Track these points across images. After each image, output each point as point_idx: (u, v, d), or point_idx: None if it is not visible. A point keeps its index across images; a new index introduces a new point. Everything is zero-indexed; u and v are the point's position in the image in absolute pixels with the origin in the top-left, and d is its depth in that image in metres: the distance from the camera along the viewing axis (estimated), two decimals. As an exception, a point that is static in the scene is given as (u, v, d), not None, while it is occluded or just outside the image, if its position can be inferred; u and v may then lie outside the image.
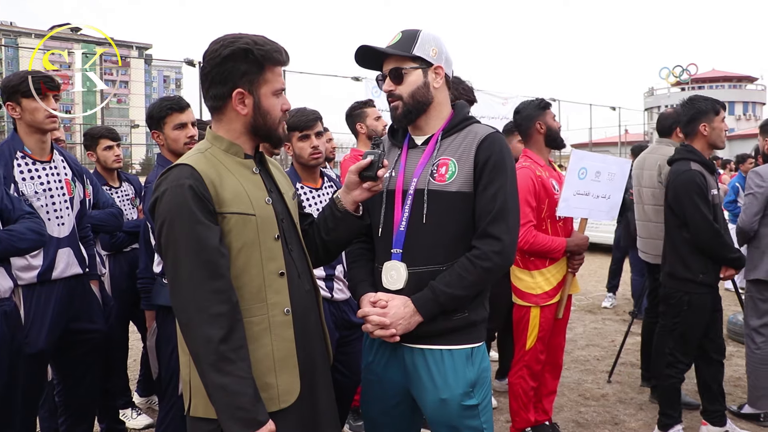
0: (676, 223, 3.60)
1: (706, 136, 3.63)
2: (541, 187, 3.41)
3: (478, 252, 2.02)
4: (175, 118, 3.10)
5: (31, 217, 2.57)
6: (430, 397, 2.07)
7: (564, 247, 3.43)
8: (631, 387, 4.84)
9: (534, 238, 3.34)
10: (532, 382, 3.62)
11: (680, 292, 3.59)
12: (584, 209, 3.48)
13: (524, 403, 3.63)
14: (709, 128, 3.61)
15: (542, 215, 3.43)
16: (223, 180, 1.78)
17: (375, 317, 2.03)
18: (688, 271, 3.55)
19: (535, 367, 3.59)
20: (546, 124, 3.57)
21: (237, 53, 1.78)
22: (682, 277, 3.58)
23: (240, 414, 1.66)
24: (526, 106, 3.66)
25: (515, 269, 3.54)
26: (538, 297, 3.47)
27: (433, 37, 2.14)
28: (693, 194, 3.46)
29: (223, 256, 1.72)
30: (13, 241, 2.44)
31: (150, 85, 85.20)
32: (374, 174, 1.97)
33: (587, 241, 3.54)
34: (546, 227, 3.46)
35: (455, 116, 2.17)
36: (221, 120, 1.87)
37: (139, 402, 4.50)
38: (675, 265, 3.62)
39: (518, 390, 3.63)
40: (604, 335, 6.41)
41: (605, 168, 3.48)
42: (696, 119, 3.65)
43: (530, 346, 3.54)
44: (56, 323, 2.87)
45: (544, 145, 3.60)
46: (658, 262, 4.51)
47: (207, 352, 1.66)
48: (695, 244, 3.52)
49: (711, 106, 3.63)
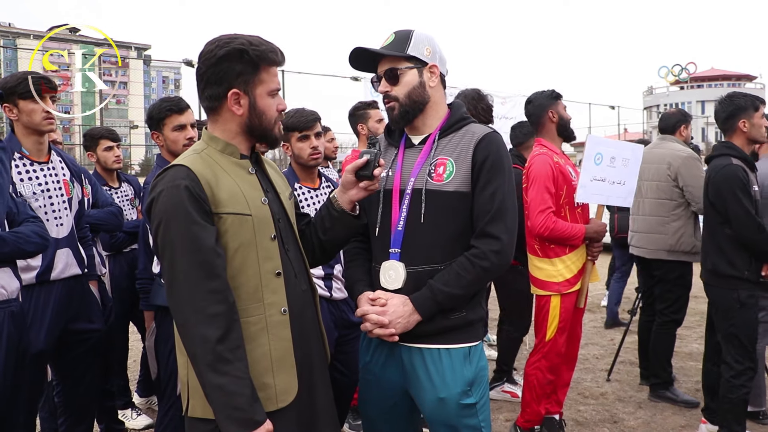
0: (718, 219, 3.50)
1: (745, 133, 3.56)
2: (559, 173, 3.42)
3: (476, 251, 2.02)
4: (175, 120, 3.10)
5: (35, 221, 2.58)
6: (428, 396, 2.07)
7: (583, 234, 3.41)
8: (630, 385, 4.85)
9: (554, 224, 3.33)
10: (549, 375, 3.58)
11: (728, 291, 3.46)
12: (602, 195, 3.47)
13: (538, 395, 3.59)
14: (748, 124, 3.55)
15: (561, 201, 3.43)
16: (219, 180, 1.78)
17: (374, 316, 2.03)
18: (733, 269, 3.43)
19: (554, 360, 3.55)
20: (558, 113, 3.60)
21: (232, 54, 1.78)
22: (727, 274, 3.46)
23: (237, 414, 1.66)
24: (538, 96, 3.68)
25: (534, 259, 3.53)
26: (559, 285, 3.45)
27: (426, 37, 2.15)
28: (735, 189, 3.37)
29: (219, 256, 1.72)
30: (20, 243, 2.44)
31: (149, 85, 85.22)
32: (370, 173, 1.98)
33: (605, 228, 3.52)
34: (565, 214, 3.45)
35: (452, 116, 2.18)
36: (217, 121, 1.87)
37: (139, 402, 4.50)
38: (718, 262, 3.50)
39: (533, 381, 3.59)
40: (603, 334, 6.42)
41: (619, 153, 3.47)
42: (735, 115, 3.58)
43: (550, 337, 3.52)
44: (55, 323, 2.87)
45: (556, 134, 3.62)
46: (654, 257, 4.53)
47: (204, 352, 1.66)
48: (738, 240, 3.42)
49: (750, 103, 3.58)
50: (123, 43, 78.79)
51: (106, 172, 4.25)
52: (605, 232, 3.52)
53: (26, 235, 2.47)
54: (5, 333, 2.40)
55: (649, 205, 4.55)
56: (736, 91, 3.83)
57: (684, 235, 4.40)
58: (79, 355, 3.07)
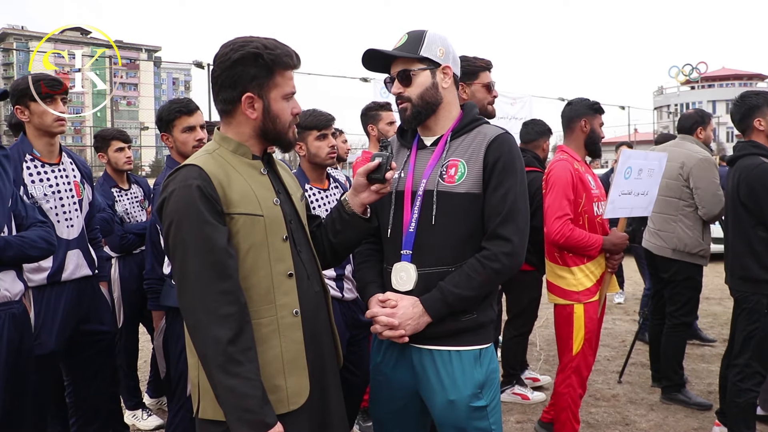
0: (750, 222, 3.37)
1: (762, 131, 3.47)
2: (578, 181, 3.35)
3: (487, 253, 2.01)
4: (184, 121, 3.11)
5: (43, 226, 2.58)
6: (438, 398, 2.06)
7: (600, 245, 3.30)
8: (642, 387, 4.81)
9: (571, 231, 3.25)
10: (580, 390, 3.44)
11: (757, 295, 3.34)
12: (626, 209, 3.38)
13: (574, 413, 3.42)
14: (764, 122, 3.46)
15: (579, 209, 3.34)
16: (231, 181, 1.77)
17: (384, 318, 2.02)
18: (766, 272, 3.32)
19: (584, 373, 3.44)
20: (591, 125, 3.53)
21: (247, 57, 1.78)
22: (759, 278, 3.33)
23: (248, 416, 1.65)
24: (579, 102, 3.61)
25: (555, 267, 3.44)
26: (580, 294, 3.34)
27: (439, 37, 2.14)
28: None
29: (231, 256, 1.71)
30: (24, 248, 2.44)
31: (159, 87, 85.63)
32: (382, 176, 1.97)
33: (626, 240, 3.40)
34: (583, 222, 3.36)
35: (464, 117, 2.17)
36: (230, 123, 1.87)
37: (149, 403, 4.52)
38: (751, 266, 3.36)
39: (568, 400, 3.41)
40: (614, 335, 6.38)
41: (646, 164, 3.36)
42: (748, 116, 3.51)
43: (578, 350, 3.36)
44: (66, 324, 2.89)
45: (583, 145, 3.55)
46: (659, 253, 4.49)
47: (215, 353, 1.65)
48: None
49: (764, 100, 3.50)
50: (134, 45, 79.28)
51: (116, 174, 4.27)
52: (625, 244, 3.40)
53: (31, 240, 2.47)
54: (6, 335, 2.41)
55: (659, 202, 4.50)
56: (749, 90, 3.77)
57: (690, 237, 4.36)
58: (91, 355, 3.09)
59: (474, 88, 3.04)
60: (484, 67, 3.08)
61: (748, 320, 3.40)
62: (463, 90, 2.97)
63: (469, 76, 3.03)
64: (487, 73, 3.07)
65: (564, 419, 3.43)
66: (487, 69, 3.08)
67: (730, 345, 3.76)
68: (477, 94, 3.03)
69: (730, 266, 3.53)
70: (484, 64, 3.10)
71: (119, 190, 4.22)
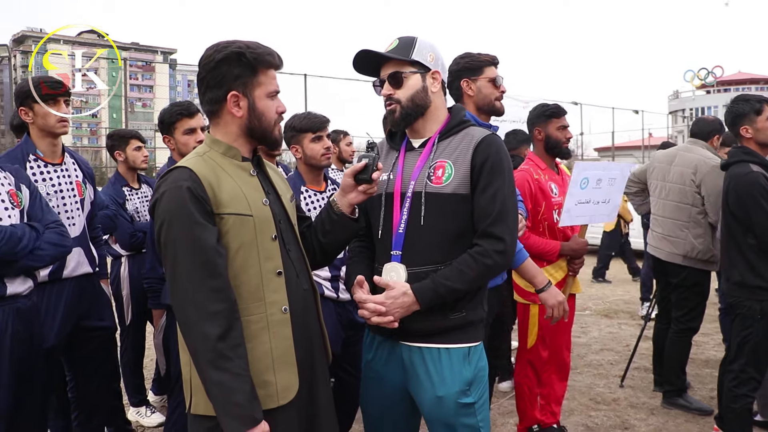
0: (741, 229, 3.37)
1: (751, 138, 3.46)
2: (537, 190, 3.45)
3: (480, 249, 2.04)
4: (185, 123, 3.18)
5: (56, 227, 2.59)
6: (426, 395, 2.10)
7: (557, 251, 3.43)
8: (644, 391, 4.81)
9: (526, 240, 3.33)
10: (536, 380, 3.66)
11: (750, 301, 3.34)
12: (585, 216, 3.46)
13: (531, 400, 3.66)
14: (752, 130, 3.44)
15: (539, 217, 3.46)
16: (221, 182, 1.82)
17: (371, 304, 2.04)
18: (760, 278, 3.30)
19: (537, 364, 3.63)
20: (546, 132, 3.58)
21: (230, 57, 1.83)
22: (753, 285, 3.32)
23: (237, 411, 1.69)
24: (534, 110, 3.69)
25: None
26: (535, 296, 3.39)
27: (429, 44, 2.19)
28: (758, 197, 3.26)
29: (221, 255, 1.76)
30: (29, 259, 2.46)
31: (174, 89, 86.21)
32: (369, 177, 2.01)
33: (585, 246, 3.50)
34: (543, 229, 3.48)
35: (452, 119, 2.20)
36: (218, 124, 1.92)
37: (153, 400, 4.58)
38: (744, 273, 3.36)
39: (524, 389, 3.66)
40: (618, 340, 6.37)
41: (606, 174, 3.45)
42: (735, 124, 3.50)
43: (531, 345, 3.59)
44: (67, 320, 2.95)
45: (544, 151, 3.61)
46: (669, 260, 4.47)
47: (205, 349, 1.70)
48: (763, 249, 3.30)
49: (750, 107, 3.46)
50: (149, 47, 79.87)
51: (129, 173, 4.34)
52: (585, 250, 3.50)
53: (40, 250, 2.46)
54: (10, 329, 2.44)
55: (670, 208, 4.48)
56: (741, 94, 3.73)
57: (702, 243, 4.34)
58: (91, 351, 3.16)
59: (480, 84, 2.98)
60: (489, 62, 3.03)
61: (742, 326, 3.40)
62: (468, 86, 2.96)
63: (474, 71, 2.99)
64: (492, 68, 3.02)
65: (523, 407, 3.71)
66: (492, 64, 3.02)
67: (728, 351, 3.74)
68: (483, 89, 2.98)
69: (728, 273, 3.52)
70: (488, 58, 3.05)
71: (130, 189, 4.30)
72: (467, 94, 2.98)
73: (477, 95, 2.97)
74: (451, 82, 2.95)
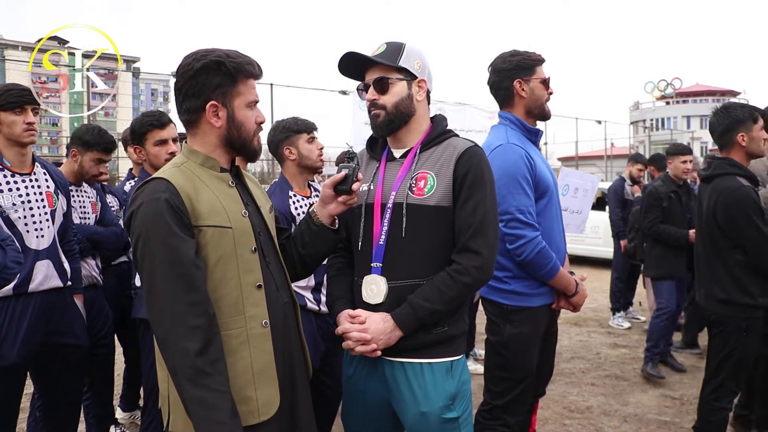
0: (727, 244, 3.25)
1: (744, 147, 3.31)
2: None
3: (458, 267, 2.02)
4: (156, 135, 3.12)
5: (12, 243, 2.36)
6: (410, 411, 2.07)
7: None
8: (616, 399, 4.85)
9: None
10: None
11: (737, 319, 3.24)
12: None
13: None
14: (747, 138, 3.29)
15: None
16: (199, 193, 1.78)
17: (355, 333, 2.02)
18: (746, 295, 3.21)
19: None
20: None
21: (209, 66, 1.79)
22: (740, 302, 3.22)
23: (217, 429, 1.64)
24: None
25: None
26: None
27: (417, 51, 2.15)
28: (750, 213, 3.14)
29: (199, 268, 1.71)
30: None
31: (137, 98, 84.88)
32: (349, 188, 1.99)
33: None
34: None
35: (434, 129, 2.18)
36: (196, 134, 1.87)
37: (121, 417, 4.44)
38: (731, 290, 3.24)
39: None
40: (589, 348, 6.42)
41: (582, 184, 3.48)
42: (732, 129, 3.32)
43: None
44: (31, 336, 2.80)
45: None
46: None
47: (183, 365, 1.64)
48: (753, 266, 3.21)
49: (748, 114, 3.32)
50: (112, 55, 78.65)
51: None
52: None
53: None
54: None
55: None
56: (732, 101, 3.63)
57: None
58: (61, 369, 3.02)
59: (533, 85, 2.80)
60: (540, 61, 2.86)
61: (725, 342, 3.30)
62: (522, 87, 2.78)
63: (526, 71, 2.80)
64: (542, 67, 2.85)
65: None
66: (542, 63, 2.86)
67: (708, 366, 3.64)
68: (536, 90, 2.80)
69: (707, 288, 3.40)
70: (539, 57, 2.87)
71: None
72: (519, 96, 2.81)
73: (530, 97, 2.81)
74: (500, 82, 2.85)
